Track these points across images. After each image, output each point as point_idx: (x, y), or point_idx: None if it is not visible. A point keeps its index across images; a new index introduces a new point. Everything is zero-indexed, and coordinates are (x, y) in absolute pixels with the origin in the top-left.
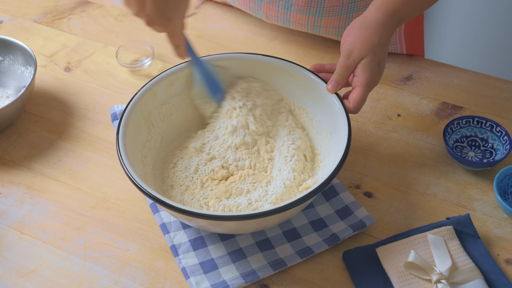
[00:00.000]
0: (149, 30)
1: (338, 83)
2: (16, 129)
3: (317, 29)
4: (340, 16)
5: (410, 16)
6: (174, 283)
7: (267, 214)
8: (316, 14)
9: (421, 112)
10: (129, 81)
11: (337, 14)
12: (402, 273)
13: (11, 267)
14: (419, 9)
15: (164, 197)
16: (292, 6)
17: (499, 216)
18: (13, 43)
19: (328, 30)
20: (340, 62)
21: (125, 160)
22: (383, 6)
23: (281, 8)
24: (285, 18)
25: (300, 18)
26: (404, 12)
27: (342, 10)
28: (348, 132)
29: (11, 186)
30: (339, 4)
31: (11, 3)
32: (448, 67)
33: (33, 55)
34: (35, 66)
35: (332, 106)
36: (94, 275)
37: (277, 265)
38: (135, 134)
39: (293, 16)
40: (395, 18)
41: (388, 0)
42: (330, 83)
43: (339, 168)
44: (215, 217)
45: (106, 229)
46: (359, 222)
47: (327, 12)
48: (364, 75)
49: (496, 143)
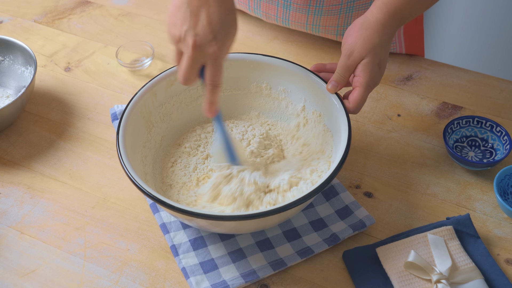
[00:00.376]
0: (149, 30)
1: (338, 83)
2: (16, 129)
3: (316, 28)
4: (339, 15)
5: (412, 16)
6: (174, 283)
7: (267, 214)
8: (315, 13)
9: (421, 112)
10: (129, 81)
11: (336, 13)
12: (402, 273)
13: (11, 267)
14: (420, 8)
15: (164, 197)
16: (291, 5)
17: (499, 216)
18: (13, 43)
19: (327, 29)
20: (340, 62)
21: (125, 160)
22: (384, 6)
23: (280, 7)
24: (284, 17)
25: (299, 17)
26: (405, 12)
27: (341, 9)
28: (348, 132)
29: (11, 186)
30: (338, 3)
31: (11, 3)
32: (448, 67)
33: (33, 55)
34: (35, 66)
35: (332, 106)
36: (94, 275)
37: (277, 265)
38: (135, 134)
39: (292, 15)
40: (397, 18)
41: (389, 0)
42: (330, 83)
43: (339, 168)
44: (215, 217)
45: (106, 229)
46: (359, 222)
47: (326, 11)
48: (364, 75)
49: (496, 143)
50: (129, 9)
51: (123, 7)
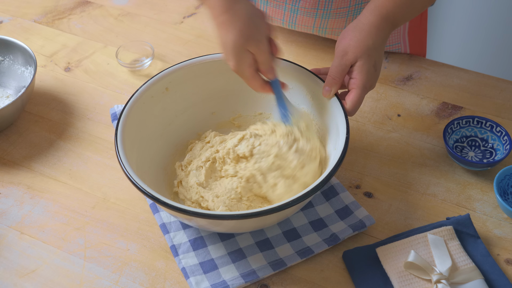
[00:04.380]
0: (149, 30)
1: (332, 87)
2: (16, 129)
3: (323, 31)
4: (347, 17)
5: (404, 19)
6: (174, 283)
7: (266, 213)
8: (323, 16)
9: (421, 112)
10: (129, 81)
11: (343, 15)
12: (402, 273)
13: (11, 267)
14: (412, 12)
15: (163, 197)
16: (299, 9)
17: (499, 216)
18: (13, 43)
19: (334, 31)
20: (333, 63)
21: (124, 160)
22: (377, 9)
23: (287, 11)
24: (291, 20)
25: (307, 20)
26: (397, 16)
27: (348, 12)
28: (347, 132)
29: (11, 186)
30: (346, 5)
31: (11, 3)
32: (448, 67)
33: (33, 55)
34: (35, 66)
35: (331, 106)
36: (94, 275)
37: (277, 265)
38: (134, 133)
39: (300, 19)
40: (389, 21)
41: (381, 4)
42: (323, 89)
43: (337, 167)
44: (214, 216)
45: (106, 229)
46: (359, 222)
47: (334, 14)
48: (360, 77)
49: (496, 143)
50: (129, 9)
51: (123, 7)
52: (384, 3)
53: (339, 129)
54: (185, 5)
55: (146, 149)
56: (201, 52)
